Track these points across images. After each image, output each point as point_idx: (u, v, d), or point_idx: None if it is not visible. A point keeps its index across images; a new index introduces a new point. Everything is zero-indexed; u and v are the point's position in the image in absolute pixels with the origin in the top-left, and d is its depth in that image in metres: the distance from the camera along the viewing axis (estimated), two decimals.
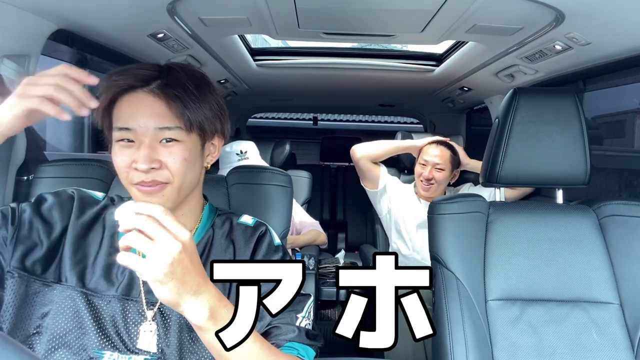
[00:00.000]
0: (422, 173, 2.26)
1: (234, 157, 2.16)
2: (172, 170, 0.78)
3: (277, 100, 3.55)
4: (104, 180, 1.25)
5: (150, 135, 0.77)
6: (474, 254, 1.23)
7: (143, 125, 0.76)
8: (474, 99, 2.79)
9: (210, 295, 0.66)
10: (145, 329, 0.80)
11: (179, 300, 0.63)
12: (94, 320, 0.79)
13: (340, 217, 3.44)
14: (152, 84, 0.77)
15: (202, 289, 0.65)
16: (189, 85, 0.78)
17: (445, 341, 1.15)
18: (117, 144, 0.78)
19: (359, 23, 1.74)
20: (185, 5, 1.43)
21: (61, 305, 0.80)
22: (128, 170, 0.77)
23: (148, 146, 0.76)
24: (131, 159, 0.77)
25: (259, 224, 0.93)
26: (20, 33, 1.22)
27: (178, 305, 0.64)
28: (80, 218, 0.86)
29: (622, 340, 1.15)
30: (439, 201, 1.28)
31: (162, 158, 0.77)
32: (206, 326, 0.65)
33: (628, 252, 1.21)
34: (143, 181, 0.76)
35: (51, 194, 0.87)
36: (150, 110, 0.77)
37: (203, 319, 0.65)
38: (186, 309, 0.64)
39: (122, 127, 0.77)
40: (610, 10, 1.24)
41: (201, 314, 0.65)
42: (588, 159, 1.25)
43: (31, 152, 1.37)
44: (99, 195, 0.92)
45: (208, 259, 0.87)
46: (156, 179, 0.77)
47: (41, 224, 0.83)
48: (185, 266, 0.63)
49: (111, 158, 0.81)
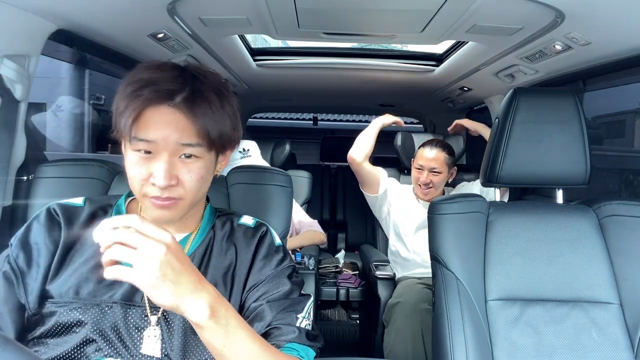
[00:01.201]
0: (419, 178, 2.25)
1: (237, 154, 2.18)
2: (187, 188, 0.78)
3: (277, 100, 3.55)
4: (104, 180, 1.25)
5: (171, 150, 0.75)
6: (474, 254, 1.23)
7: (165, 138, 0.75)
8: (474, 99, 2.79)
9: (208, 293, 0.67)
10: (150, 334, 0.79)
11: (178, 302, 0.64)
12: (95, 329, 0.79)
13: (340, 217, 3.43)
14: (177, 98, 0.75)
15: (198, 287, 0.66)
16: (212, 100, 0.77)
17: (445, 341, 1.15)
18: (134, 154, 0.76)
19: (359, 23, 1.74)
20: (185, 5, 1.43)
21: (61, 318, 0.79)
22: (144, 183, 0.77)
23: (167, 162, 0.75)
24: (148, 172, 0.76)
25: (260, 225, 0.93)
26: (20, 33, 1.22)
27: (178, 307, 0.64)
28: (70, 230, 0.85)
29: (622, 340, 1.15)
30: (439, 201, 1.28)
31: (180, 175, 0.77)
32: (207, 325, 0.66)
33: (628, 252, 1.21)
34: (158, 197, 0.76)
35: (32, 221, 0.86)
36: (174, 125, 0.75)
37: (204, 318, 0.65)
38: (187, 309, 0.64)
39: (143, 138, 0.75)
40: (610, 10, 1.24)
41: (202, 312, 0.65)
42: (588, 159, 1.25)
43: (31, 152, 1.37)
44: (78, 202, 0.90)
45: (210, 261, 0.87)
46: (171, 195, 0.77)
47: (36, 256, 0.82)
48: (175, 267, 0.63)
49: (111, 158, 0.80)
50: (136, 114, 0.74)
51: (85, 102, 5.43)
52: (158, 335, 0.79)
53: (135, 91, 0.74)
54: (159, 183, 0.74)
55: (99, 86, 5.48)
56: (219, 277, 0.85)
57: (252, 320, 0.82)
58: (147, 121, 0.75)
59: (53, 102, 5.00)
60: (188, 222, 0.88)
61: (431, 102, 3.12)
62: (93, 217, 0.88)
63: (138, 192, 0.78)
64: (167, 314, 0.81)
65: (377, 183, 2.38)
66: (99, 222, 0.86)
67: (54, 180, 1.24)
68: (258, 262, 0.87)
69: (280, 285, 0.85)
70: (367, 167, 2.37)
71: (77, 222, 0.86)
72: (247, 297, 0.85)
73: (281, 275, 0.87)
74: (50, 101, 4.92)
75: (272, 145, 2.85)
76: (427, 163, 2.22)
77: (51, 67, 5.08)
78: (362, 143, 2.37)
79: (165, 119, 0.75)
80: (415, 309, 1.84)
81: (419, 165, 2.25)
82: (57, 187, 1.23)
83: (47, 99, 4.85)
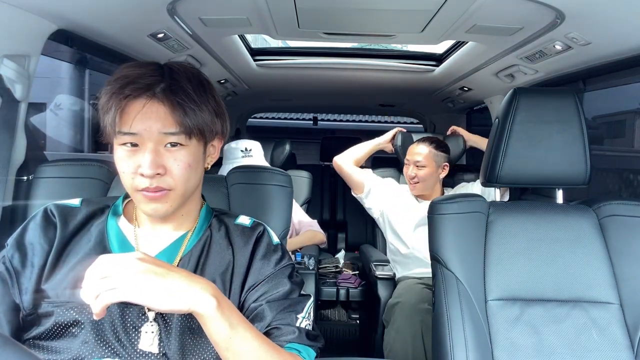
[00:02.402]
0: (406, 172, 2.31)
1: (239, 153, 2.18)
2: (175, 177, 0.79)
3: (277, 100, 3.55)
4: (104, 180, 1.25)
5: (155, 140, 0.77)
6: (474, 254, 1.23)
7: (148, 129, 0.77)
8: (474, 99, 2.79)
9: (208, 284, 0.70)
10: (147, 329, 0.79)
11: (184, 300, 0.66)
12: (92, 329, 0.79)
13: (340, 217, 3.43)
14: (156, 89, 0.77)
15: (194, 280, 0.69)
16: (189, 89, 0.79)
17: (445, 341, 1.15)
18: (121, 148, 0.79)
19: (359, 23, 1.74)
20: (185, 5, 1.43)
21: (58, 320, 0.79)
22: (134, 176, 0.78)
23: (153, 151, 0.77)
24: (136, 164, 0.78)
25: (257, 225, 0.93)
26: (20, 33, 1.22)
27: (185, 303, 0.66)
28: (66, 230, 0.85)
29: (622, 340, 1.15)
30: (439, 201, 1.28)
31: (167, 163, 0.78)
32: (215, 316, 0.68)
33: (628, 252, 1.21)
34: (148, 187, 0.78)
35: (29, 222, 0.86)
36: (155, 115, 0.77)
37: (212, 308, 0.67)
38: (195, 304, 0.67)
39: (127, 131, 0.77)
40: (610, 10, 1.24)
41: (209, 302, 0.67)
42: (588, 159, 1.25)
43: (31, 152, 1.36)
44: (75, 203, 0.90)
45: (206, 261, 0.86)
46: (160, 185, 0.78)
47: (31, 256, 0.83)
48: (158, 271, 0.66)
49: (111, 158, 0.81)
50: (119, 109, 0.76)
51: (85, 102, 5.44)
52: (155, 331, 0.79)
53: (116, 89, 0.77)
54: (146, 172, 0.76)
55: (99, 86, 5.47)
56: (217, 276, 0.85)
57: (252, 320, 0.81)
58: (129, 114, 0.77)
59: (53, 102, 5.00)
60: (184, 221, 0.88)
61: (431, 102, 3.12)
62: (90, 218, 0.88)
63: (130, 187, 0.80)
64: (165, 314, 0.81)
65: (360, 182, 2.42)
66: (94, 222, 0.87)
67: (54, 180, 1.24)
68: (257, 262, 0.87)
69: (280, 285, 0.85)
70: (349, 169, 2.44)
71: (74, 223, 0.87)
72: (247, 298, 0.85)
73: (281, 275, 0.87)
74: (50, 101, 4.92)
75: (272, 145, 2.85)
76: (412, 157, 2.30)
77: (51, 67, 5.08)
78: (356, 154, 2.47)
79: (146, 111, 0.77)
80: (415, 309, 1.84)
81: (407, 160, 2.33)
82: (57, 187, 1.23)
83: (47, 99, 4.85)
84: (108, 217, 0.88)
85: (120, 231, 0.87)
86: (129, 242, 0.86)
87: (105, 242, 0.85)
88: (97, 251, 0.83)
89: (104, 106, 0.78)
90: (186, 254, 0.86)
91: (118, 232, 0.87)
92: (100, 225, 0.87)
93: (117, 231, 0.87)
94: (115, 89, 0.77)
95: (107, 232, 0.86)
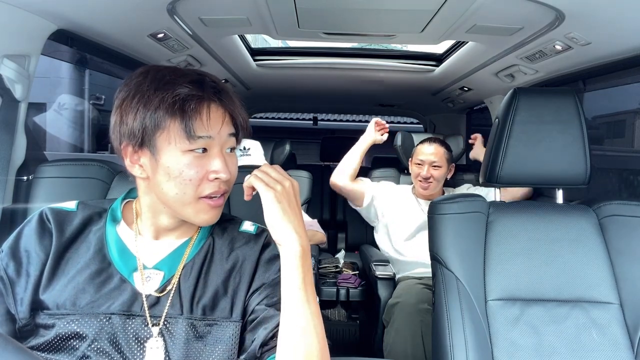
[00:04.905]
0: (419, 173, 2.27)
1: (237, 152, 2.17)
2: (232, 180, 0.82)
3: (277, 100, 3.55)
4: (104, 180, 1.25)
5: (222, 143, 0.80)
6: (474, 254, 1.23)
7: (220, 132, 0.78)
8: (474, 99, 2.79)
9: (303, 239, 0.76)
10: (152, 345, 0.77)
11: (284, 223, 0.75)
12: (93, 342, 0.76)
13: (340, 217, 3.43)
14: (210, 91, 0.77)
15: (299, 228, 0.76)
16: (229, 92, 0.81)
17: (445, 341, 1.15)
18: (190, 154, 0.77)
19: (359, 23, 1.74)
20: (185, 5, 1.43)
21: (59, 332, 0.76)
22: (200, 182, 0.78)
23: (222, 154, 0.79)
24: (204, 170, 0.78)
25: (262, 231, 0.91)
26: (20, 33, 1.22)
27: (280, 226, 0.75)
28: (62, 237, 0.82)
29: (622, 340, 1.15)
30: (439, 201, 1.28)
31: (229, 167, 0.81)
32: (296, 264, 0.74)
33: (628, 252, 1.21)
34: (215, 191, 0.79)
35: (24, 227, 0.83)
36: (221, 118, 0.79)
37: (296, 254, 0.74)
38: (286, 238, 0.75)
39: (203, 135, 0.76)
40: (610, 10, 1.24)
41: (295, 247, 0.75)
42: (588, 159, 1.25)
43: (31, 152, 1.37)
44: (71, 207, 0.87)
45: (210, 268, 0.85)
46: (226, 188, 0.82)
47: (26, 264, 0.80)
48: (291, 200, 0.77)
49: (111, 158, 0.80)
50: (197, 113, 0.75)
51: (86, 102, 5.44)
52: (161, 346, 0.77)
53: (170, 92, 0.74)
54: (224, 176, 0.78)
55: (99, 86, 5.48)
56: (219, 283, 0.83)
57: (258, 324, 0.80)
58: (202, 118, 0.76)
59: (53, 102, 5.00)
60: (187, 228, 0.87)
61: (431, 102, 3.12)
62: (87, 224, 0.85)
63: (192, 195, 0.78)
64: (168, 323, 0.79)
65: (361, 196, 2.40)
66: (92, 228, 0.85)
67: (54, 180, 1.24)
68: (262, 267, 0.86)
69: None
70: (349, 187, 2.39)
71: (70, 229, 0.84)
72: (251, 301, 0.84)
73: None
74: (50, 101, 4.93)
75: (272, 145, 2.85)
76: (427, 157, 2.26)
77: (51, 67, 5.08)
78: (346, 165, 2.39)
79: (216, 114, 0.78)
80: (415, 309, 1.84)
81: (419, 161, 2.28)
82: (57, 187, 1.23)
83: (47, 99, 4.86)
84: (106, 223, 0.85)
85: (120, 239, 0.84)
86: (129, 250, 0.83)
87: (105, 251, 0.82)
88: (96, 260, 0.81)
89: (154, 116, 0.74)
90: (189, 262, 0.84)
91: (117, 239, 0.84)
92: (99, 232, 0.84)
93: (117, 239, 0.84)
94: (169, 92, 0.74)
95: (106, 240, 0.83)
